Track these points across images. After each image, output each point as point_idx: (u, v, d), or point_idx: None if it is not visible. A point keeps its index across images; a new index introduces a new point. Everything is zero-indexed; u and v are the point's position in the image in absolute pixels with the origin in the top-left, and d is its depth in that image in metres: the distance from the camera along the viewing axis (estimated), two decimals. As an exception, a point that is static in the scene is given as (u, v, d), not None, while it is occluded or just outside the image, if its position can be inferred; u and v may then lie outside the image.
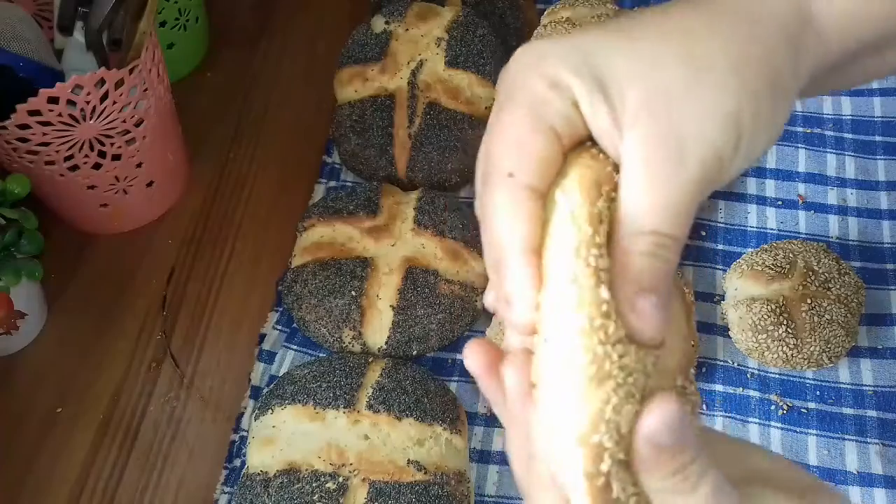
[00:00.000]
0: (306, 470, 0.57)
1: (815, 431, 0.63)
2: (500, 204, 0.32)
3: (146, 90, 0.68)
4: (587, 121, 0.32)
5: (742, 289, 0.65)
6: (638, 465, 0.30)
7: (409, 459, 0.58)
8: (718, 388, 0.65)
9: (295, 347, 0.69)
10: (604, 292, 0.30)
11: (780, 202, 0.74)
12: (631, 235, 0.30)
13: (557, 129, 0.32)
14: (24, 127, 0.62)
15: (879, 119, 0.78)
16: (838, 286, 0.64)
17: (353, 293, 0.66)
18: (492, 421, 0.65)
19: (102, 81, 0.63)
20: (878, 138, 0.77)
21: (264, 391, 0.65)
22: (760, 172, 0.76)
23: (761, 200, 0.74)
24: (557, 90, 0.31)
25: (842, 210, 0.73)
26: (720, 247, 0.72)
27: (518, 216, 0.31)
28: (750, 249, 0.70)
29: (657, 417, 0.29)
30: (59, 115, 0.62)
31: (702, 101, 0.31)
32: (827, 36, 0.34)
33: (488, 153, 0.33)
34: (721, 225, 0.73)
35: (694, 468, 0.30)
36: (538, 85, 0.32)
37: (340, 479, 0.57)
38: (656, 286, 0.30)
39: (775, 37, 0.33)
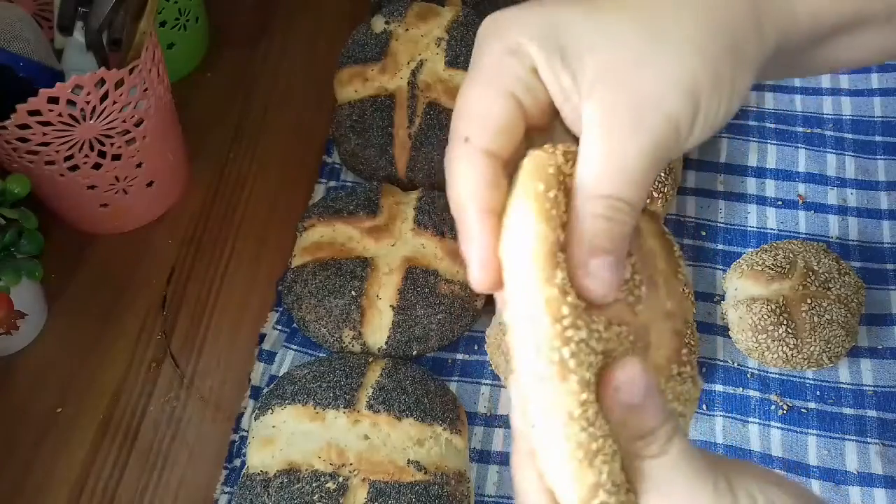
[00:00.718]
0: (306, 470, 0.57)
1: (815, 431, 0.63)
2: (458, 167, 0.32)
3: (146, 90, 0.68)
4: (547, 86, 0.32)
5: (742, 289, 0.65)
6: (610, 421, 0.31)
7: (409, 459, 0.58)
8: (718, 388, 0.65)
9: (295, 347, 0.69)
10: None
11: (780, 202, 0.74)
12: (586, 199, 0.30)
13: (517, 94, 0.32)
14: (24, 127, 0.62)
15: (879, 119, 0.78)
16: (838, 286, 0.64)
17: (353, 293, 0.66)
18: (492, 421, 0.65)
19: (102, 81, 0.63)
20: (878, 138, 0.77)
21: (264, 391, 0.65)
22: (760, 172, 0.76)
23: (761, 200, 0.74)
24: (516, 56, 0.32)
25: (842, 210, 0.73)
26: (720, 247, 0.72)
27: (472, 177, 0.32)
28: (750, 249, 0.70)
29: (622, 376, 0.30)
30: (59, 115, 0.62)
31: (658, 69, 0.31)
32: (795, 7, 0.34)
33: (451, 121, 0.33)
34: (721, 225, 0.73)
35: (661, 433, 0.31)
36: (497, 51, 0.32)
37: (340, 479, 0.57)
38: (611, 248, 0.30)
39: (739, 5, 0.32)
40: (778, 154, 0.77)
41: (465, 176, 0.32)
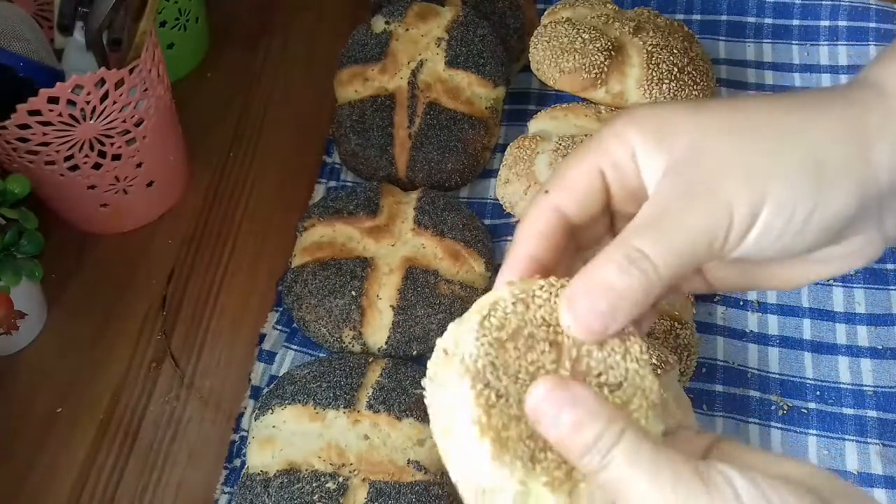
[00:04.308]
0: (306, 470, 0.57)
1: (815, 431, 0.62)
2: (529, 210, 0.35)
3: (146, 90, 0.68)
4: (641, 169, 0.34)
5: None
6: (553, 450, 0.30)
7: (409, 459, 0.58)
8: (718, 388, 0.65)
9: (295, 347, 0.69)
10: None
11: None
12: (616, 244, 0.32)
13: (604, 170, 0.35)
14: (24, 127, 0.62)
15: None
16: None
17: (353, 293, 0.66)
18: (492, 421, 0.65)
19: (102, 81, 0.63)
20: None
21: (264, 391, 0.65)
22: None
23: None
24: (618, 138, 0.34)
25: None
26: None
27: (533, 223, 0.35)
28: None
29: (531, 402, 0.30)
30: (59, 115, 0.62)
31: (730, 162, 0.32)
32: None
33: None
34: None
35: (601, 444, 0.29)
36: (606, 133, 0.35)
37: (340, 479, 0.57)
38: (609, 296, 0.31)
39: (837, 127, 0.33)
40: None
41: (530, 219, 0.35)
